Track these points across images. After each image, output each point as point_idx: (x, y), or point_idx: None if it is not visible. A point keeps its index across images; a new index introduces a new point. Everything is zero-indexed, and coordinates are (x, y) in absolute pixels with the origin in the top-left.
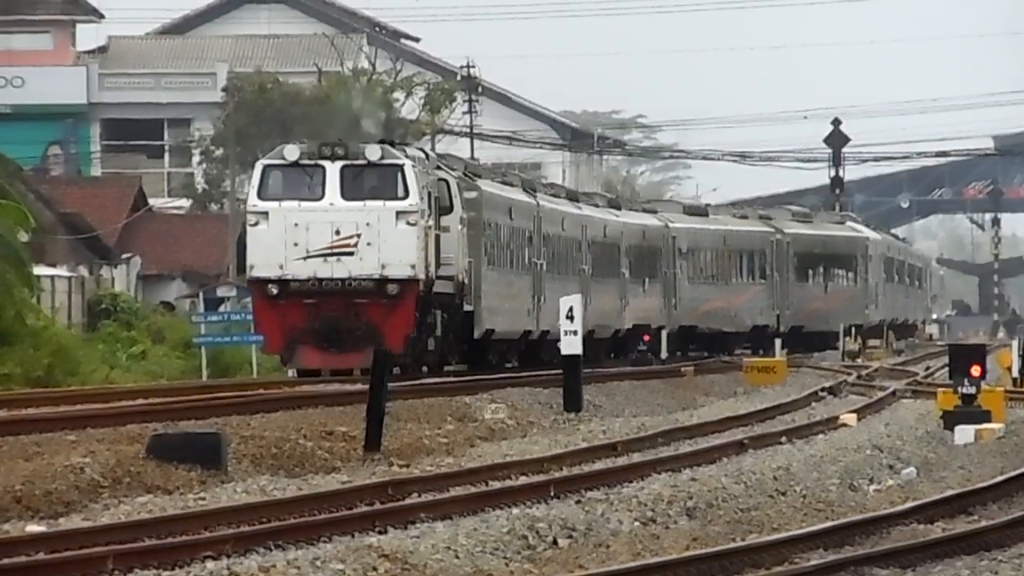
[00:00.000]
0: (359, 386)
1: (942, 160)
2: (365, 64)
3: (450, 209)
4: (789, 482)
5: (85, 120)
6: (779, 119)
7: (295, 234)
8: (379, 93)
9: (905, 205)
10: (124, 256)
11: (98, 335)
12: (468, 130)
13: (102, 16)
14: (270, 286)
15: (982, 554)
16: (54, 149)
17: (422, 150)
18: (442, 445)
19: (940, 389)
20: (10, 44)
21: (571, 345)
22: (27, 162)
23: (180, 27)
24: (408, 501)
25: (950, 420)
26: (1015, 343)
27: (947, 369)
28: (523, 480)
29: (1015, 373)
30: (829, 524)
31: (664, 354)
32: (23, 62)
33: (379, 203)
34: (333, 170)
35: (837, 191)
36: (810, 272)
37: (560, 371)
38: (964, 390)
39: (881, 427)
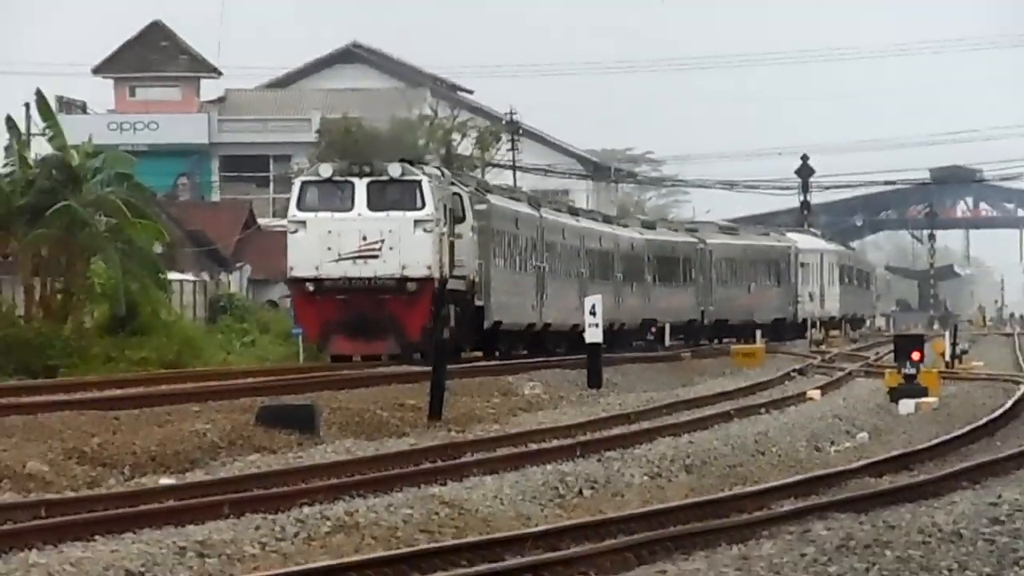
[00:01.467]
0: (424, 367)
1: (889, 188)
2: (428, 111)
3: (463, 219)
4: (767, 444)
5: (207, 156)
6: (759, 155)
7: (328, 240)
8: (440, 134)
9: (859, 224)
10: (238, 265)
11: (217, 327)
12: (511, 164)
13: (220, 73)
14: (307, 284)
15: (920, 502)
16: (182, 180)
17: (439, 168)
18: (490, 415)
19: (887, 370)
20: (147, 95)
21: (593, 335)
22: (161, 190)
23: (283, 82)
24: (463, 459)
25: (895, 395)
26: (947, 334)
27: (893, 354)
28: (555, 443)
29: (947, 357)
30: (799, 477)
31: (667, 342)
32: (157, 110)
33: (400, 213)
34: (361, 185)
35: (805, 212)
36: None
37: (584, 355)
38: (906, 371)
39: (840, 400)
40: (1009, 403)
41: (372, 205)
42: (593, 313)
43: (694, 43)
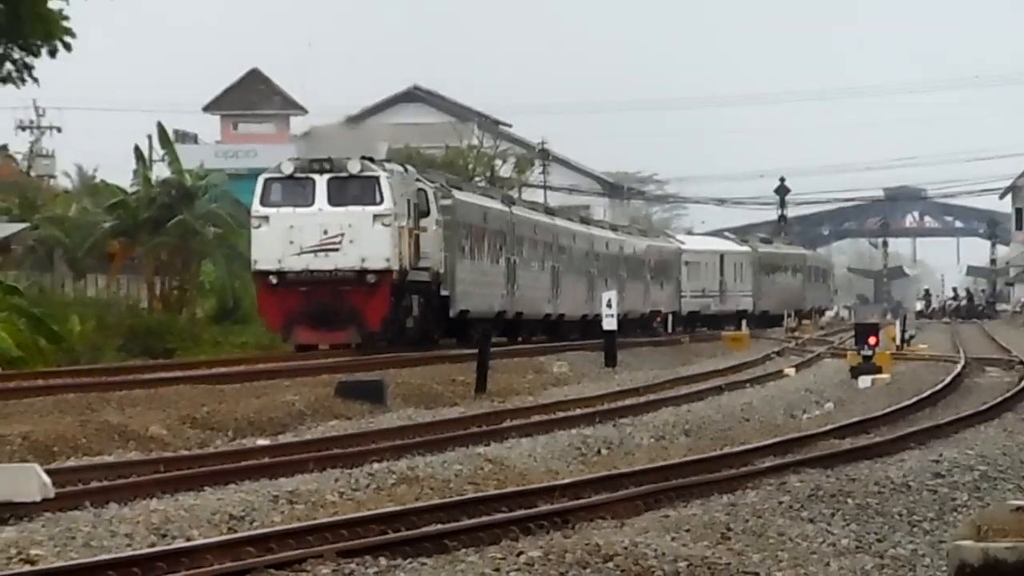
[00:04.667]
0: (472, 350)
1: (850, 203)
2: (476, 141)
3: (427, 213)
4: (751, 412)
5: None
6: (744, 176)
7: (290, 234)
8: (485, 160)
9: (826, 233)
10: None
11: None
12: (543, 184)
13: (307, 111)
14: (270, 277)
15: (876, 459)
16: None
17: (403, 165)
18: (525, 388)
19: (849, 352)
20: (248, 130)
21: (610, 323)
22: None
23: (357, 118)
24: (504, 424)
25: (855, 372)
26: (897, 323)
27: (854, 339)
28: (578, 411)
29: (897, 342)
30: (777, 439)
31: (670, 329)
32: (256, 141)
33: (359, 208)
34: (321, 181)
35: (782, 223)
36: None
37: (600, 340)
38: (864, 353)
39: (811, 377)
40: (948, 379)
41: (332, 200)
42: (609, 305)
43: (693, 84)
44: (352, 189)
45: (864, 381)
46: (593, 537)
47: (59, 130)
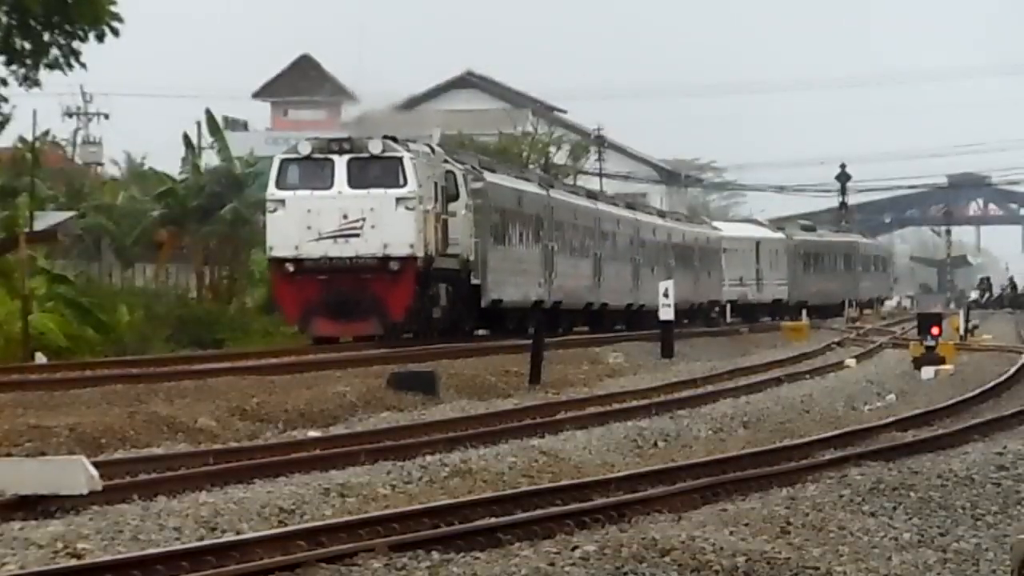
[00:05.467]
0: (526, 340)
1: (913, 191)
2: (530, 128)
3: (456, 196)
4: (811, 404)
5: None
6: (805, 163)
7: (308, 219)
8: (540, 147)
9: (887, 221)
10: None
11: None
12: (598, 172)
13: (358, 98)
14: (287, 264)
15: (939, 451)
16: None
17: (429, 146)
18: (580, 379)
19: (911, 342)
20: (298, 116)
21: (667, 313)
22: None
23: (409, 104)
24: (558, 416)
25: (918, 363)
26: (961, 313)
27: (916, 329)
28: (634, 403)
29: (961, 332)
30: (837, 431)
31: (729, 319)
32: (306, 127)
33: (381, 191)
34: (341, 162)
35: (843, 211)
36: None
37: (657, 330)
38: (928, 343)
39: (872, 368)
40: (1012, 370)
41: (353, 183)
42: (667, 295)
43: (752, 69)
44: (374, 171)
45: (927, 372)
46: (649, 531)
47: (106, 116)
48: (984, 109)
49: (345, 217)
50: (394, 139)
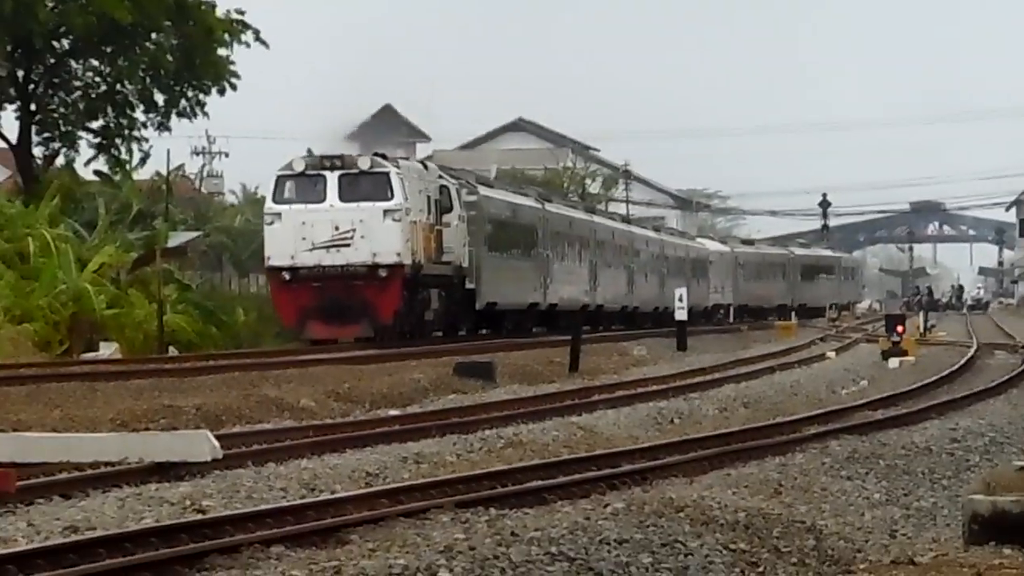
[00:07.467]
0: (567, 337)
1: (881, 215)
2: (570, 164)
3: (451, 208)
4: (799, 388)
5: None
6: (793, 192)
7: (303, 230)
8: (578, 179)
9: (861, 239)
10: None
11: None
12: (625, 199)
13: (429, 139)
14: (284, 273)
15: (903, 427)
16: None
17: (422, 162)
18: (611, 368)
19: (880, 338)
20: None
21: (681, 314)
22: None
23: (471, 144)
24: (593, 398)
25: (886, 355)
26: (920, 314)
27: (884, 327)
28: (654, 387)
29: (921, 330)
30: (820, 411)
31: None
32: None
33: (370, 204)
34: (332, 178)
35: (824, 232)
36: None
37: (657, 329)
38: (893, 339)
39: (849, 359)
40: (963, 360)
41: (344, 196)
42: (680, 299)
43: (753, 114)
44: (363, 185)
45: (893, 362)
46: (667, 492)
47: (227, 155)
48: (937, 149)
49: (336, 228)
50: (383, 156)
